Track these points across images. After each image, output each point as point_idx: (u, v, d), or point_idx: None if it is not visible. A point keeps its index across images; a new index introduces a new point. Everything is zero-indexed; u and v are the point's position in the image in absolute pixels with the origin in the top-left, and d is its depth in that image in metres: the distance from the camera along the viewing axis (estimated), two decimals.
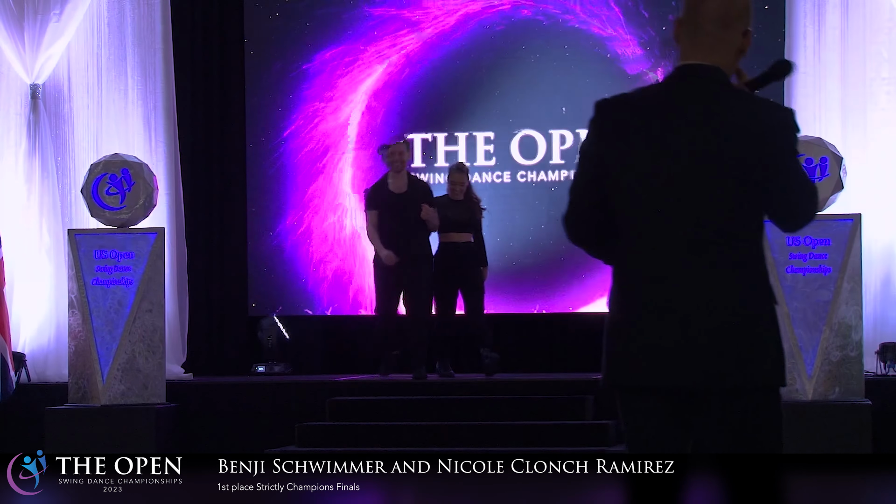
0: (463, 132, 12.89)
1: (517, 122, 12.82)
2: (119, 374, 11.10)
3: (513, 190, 12.79)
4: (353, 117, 13.06)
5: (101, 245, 11.27)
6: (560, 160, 12.71)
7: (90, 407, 11.07)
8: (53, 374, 11.74)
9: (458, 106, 12.91)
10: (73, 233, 11.35)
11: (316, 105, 13.12)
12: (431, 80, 12.94)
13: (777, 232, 10.73)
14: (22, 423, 11.41)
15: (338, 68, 13.08)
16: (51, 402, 11.24)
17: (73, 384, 11.16)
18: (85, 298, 11.17)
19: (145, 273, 11.20)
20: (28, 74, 11.94)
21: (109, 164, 11.44)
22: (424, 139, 12.94)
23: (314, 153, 13.11)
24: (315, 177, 13.10)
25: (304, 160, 13.13)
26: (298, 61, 13.14)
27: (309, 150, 13.12)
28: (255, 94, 13.21)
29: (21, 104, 12.03)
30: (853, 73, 11.18)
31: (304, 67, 13.13)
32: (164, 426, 11.01)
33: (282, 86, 13.16)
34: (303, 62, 13.14)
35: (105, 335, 11.15)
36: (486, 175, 12.83)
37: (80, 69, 12.14)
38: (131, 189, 11.39)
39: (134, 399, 11.10)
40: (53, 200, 11.93)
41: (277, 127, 13.13)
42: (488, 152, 12.84)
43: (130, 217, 11.38)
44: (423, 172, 12.89)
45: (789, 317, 10.40)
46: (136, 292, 11.19)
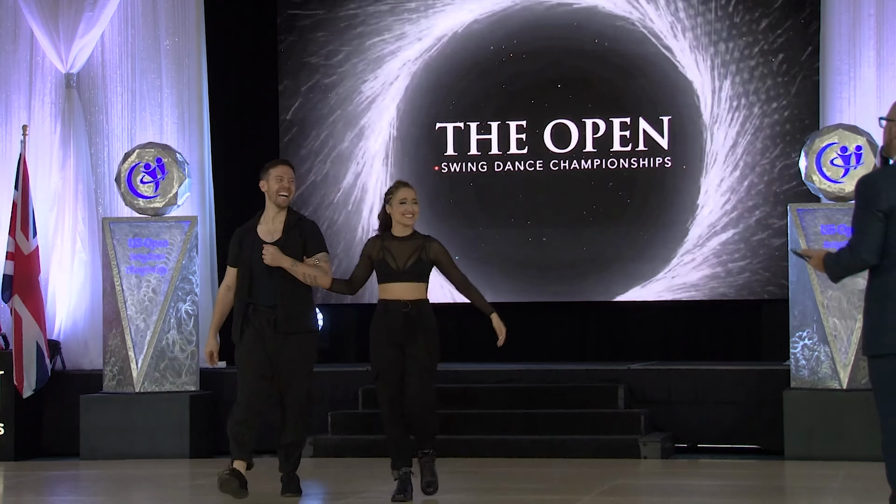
0: (495, 121, 12.88)
1: (550, 110, 12.79)
2: (153, 362, 11.16)
3: (545, 179, 12.77)
4: (387, 104, 13.06)
5: (136, 233, 11.33)
6: (593, 149, 12.69)
7: (124, 394, 11.14)
8: (88, 362, 11.80)
9: (491, 94, 12.89)
10: (107, 221, 11.41)
11: (349, 92, 13.13)
12: (464, 68, 12.93)
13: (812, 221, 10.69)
14: (57, 411, 11.49)
15: (372, 54, 13.09)
16: (86, 390, 11.31)
17: (107, 371, 11.23)
18: (119, 286, 11.23)
19: (179, 261, 11.27)
20: (63, 63, 11.99)
21: (143, 153, 11.50)
22: (456, 127, 12.94)
23: (346, 140, 13.12)
24: (349, 164, 13.12)
25: (338, 147, 13.15)
26: (332, 48, 13.16)
27: (342, 137, 13.13)
28: (289, 81, 13.23)
29: (56, 93, 12.09)
30: (888, 58, 11.11)
31: (338, 54, 13.15)
32: (198, 413, 11.06)
33: (315, 72, 13.18)
34: (336, 49, 13.16)
35: (139, 323, 11.21)
36: (519, 164, 12.82)
37: (113, 58, 12.18)
38: (165, 177, 11.45)
39: (168, 386, 11.17)
40: (88, 189, 11.98)
41: (310, 114, 13.15)
42: (520, 141, 12.83)
43: (164, 205, 11.43)
44: (455, 162, 12.90)
45: (824, 306, 10.38)
46: (170, 280, 11.25)
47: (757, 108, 12.38)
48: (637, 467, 9.94)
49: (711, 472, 9.96)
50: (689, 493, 8.67)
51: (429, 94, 12.99)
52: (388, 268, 7.96)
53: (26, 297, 11.19)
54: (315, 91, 13.19)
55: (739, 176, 12.38)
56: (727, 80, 12.43)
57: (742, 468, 10.06)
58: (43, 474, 10.17)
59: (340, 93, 13.15)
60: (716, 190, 12.44)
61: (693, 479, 9.59)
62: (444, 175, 12.95)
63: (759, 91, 12.38)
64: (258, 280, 8.02)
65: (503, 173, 12.85)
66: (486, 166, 12.87)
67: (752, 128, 12.38)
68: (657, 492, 8.89)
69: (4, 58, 12.12)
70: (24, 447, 11.27)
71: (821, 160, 10.75)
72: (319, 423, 10.92)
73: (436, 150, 12.94)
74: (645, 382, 11.04)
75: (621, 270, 12.57)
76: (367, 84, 13.10)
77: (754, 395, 10.82)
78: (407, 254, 7.98)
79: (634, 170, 12.62)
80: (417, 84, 13.01)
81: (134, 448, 10.92)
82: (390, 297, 7.95)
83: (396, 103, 13.04)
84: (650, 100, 12.56)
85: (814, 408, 10.26)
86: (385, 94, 13.06)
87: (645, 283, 12.53)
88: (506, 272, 12.77)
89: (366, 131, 13.07)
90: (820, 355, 10.41)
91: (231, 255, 8.22)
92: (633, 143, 12.61)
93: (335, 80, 13.17)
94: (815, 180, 10.77)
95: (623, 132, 12.62)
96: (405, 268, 7.95)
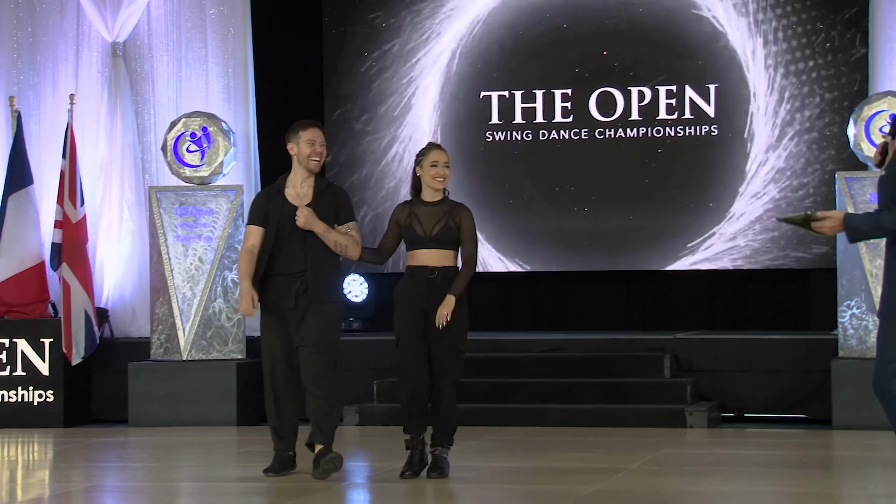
0: (540, 89, 12.84)
1: (595, 78, 12.74)
2: (200, 330, 11.22)
3: (591, 147, 12.73)
4: (433, 74, 13.04)
5: (182, 202, 11.38)
6: (638, 117, 12.63)
7: (172, 362, 11.21)
8: (135, 330, 11.88)
9: (536, 63, 12.85)
10: (154, 190, 11.46)
11: (394, 62, 13.12)
12: (509, 36, 12.89)
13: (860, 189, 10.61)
14: (105, 378, 11.58)
15: (417, 24, 13.07)
16: (133, 357, 11.38)
17: (154, 339, 11.30)
18: (166, 255, 11.29)
19: (225, 230, 11.31)
20: (109, 32, 12.03)
21: (189, 122, 11.53)
22: (501, 96, 12.90)
23: (391, 110, 13.12)
24: (393, 133, 13.12)
25: (382, 117, 13.15)
26: (377, 19, 13.15)
27: (387, 107, 13.13)
28: (333, 52, 13.23)
29: (102, 62, 12.13)
30: None
31: (383, 25, 13.14)
32: (245, 381, 11.12)
33: (360, 42, 13.18)
34: (382, 20, 13.14)
35: (186, 291, 11.27)
36: (564, 132, 12.77)
37: (159, 27, 12.21)
38: (210, 146, 11.48)
39: (214, 354, 11.23)
40: (134, 158, 12.03)
41: (355, 84, 13.15)
42: (566, 109, 12.79)
43: (210, 174, 11.47)
44: (500, 131, 12.87)
45: (872, 275, 10.31)
46: (216, 249, 11.30)
47: (805, 76, 12.28)
48: (683, 437, 9.92)
49: (758, 441, 9.93)
50: (736, 463, 8.65)
51: (474, 63, 12.95)
52: (415, 234, 7.67)
53: (74, 265, 11.26)
54: (359, 60, 13.17)
55: (786, 144, 12.30)
56: (774, 46, 12.33)
57: (789, 438, 10.03)
58: (92, 441, 10.25)
59: (385, 62, 13.14)
60: (762, 158, 12.36)
61: (739, 448, 9.56)
62: (489, 144, 12.93)
63: (807, 58, 12.28)
64: (284, 245, 7.62)
65: (548, 142, 12.82)
66: (531, 135, 12.84)
67: (800, 95, 12.29)
68: (703, 461, 8.87)
69: (51, 27, 12.17)
70: (73, 414, 11.36)
71: (869, 128, 10.66)
72: (365, 392, 10.96)
73: (481, 120, 12.92)
74: (691, 351, 11.00)
75: (667, 239, 12.53)
76: (412, 52, 13.08)
77: (802, 364, 10.77)
78: (434, 219, 7.68)
79: (680, 138, 12.56)
80: (463, 53, 12.98)
81: (181, 415, 10.98)
82: (416, 263, 7.67)
83: (442, 72, 13.01)
84: (696, 67, 12.48)
85: (862, 377, 10.17)
86: (431, 63, 13.04)
87: (691, 251, 12.48)
88: (551, 241, 12.76)
89: (411, 100, 13.05)
90: (868, 324, 10.35)
91: (254, 215, 7.76)
92: (678, 112, 12.55)
93: (380, 48, 13.15)
94: (863, 148, 10.69)
95: (669, 100, 12.55)
96: (431, 234, 7.65)
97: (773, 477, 7.99)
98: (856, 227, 5.98)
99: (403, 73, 13.10)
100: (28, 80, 12.12)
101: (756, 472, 8.30)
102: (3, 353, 11.26)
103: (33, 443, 10.38)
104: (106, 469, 8.97)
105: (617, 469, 8.07)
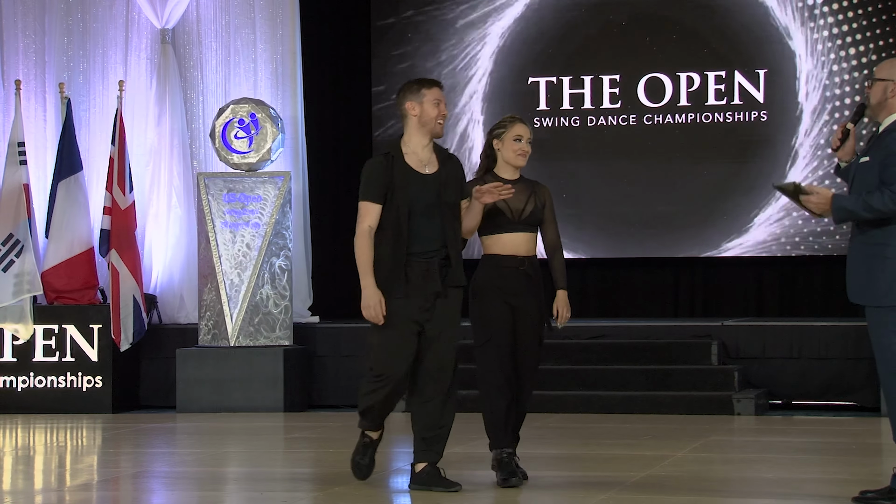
0: (588, 75, 12.79)
1: (643, 64, 12.68)
2: (247, 316, 11.26)
3: (639, 133, 12.67)
4: (481, 59, 13.02)
5: (230, 188, 11.42)
6: (687, 102, 12.56)
7: (219, 347, 11.26)
8: (183, 316, 11.93)
9: (584, 48, 12.81)
10: (202, 176, 11.51)
11: (442, 48, 13.11)
12: (557, 21, 12.85)
13: None
14: (153, 364, 11.65)
15: (465, 12, 13.05)
16: (181, 343, 11.45)
17: (202, 326, 11.35)
18: (214, 241, 11.34)
19: (272, 216, 11.34)
20: (158, 19, 12.08)
21: (237, 108, 11.56)
22: (549, 81, 12.87)
23: None
24: None
25: None
26: (425, 5, 13.13)
27: None
28: (381, 40, 13.24)
29: (151, 49, 12.19)
30: None
31: (431, 12, 13.12)
32: (292, 367, 11.15)
33: (408, 30, 13.17)
34: (430, 6, 13.13)
35: (233, 278, 11.31)
36: (612, 118, 12.72)
37: (208, 13, 12.25)
38: (258, 133, 11.51)
39: (262, 341, 11.27)
40: (183, 144, 12.08)
41: (402, 71, 13.14)
42: (614, 95, 12.74)
43: (258, 161, 11.50)
44: (548, 117, 12.84)
45: None
46: (264, 235, 11.34)
47: (854, 61, 12.17)
48: (730, 424, 9.87)
49: (806, 428, 9.87)
50: (784, 450, 8.61)
51: (521, 49, 12.92)
52: (502, 215, 6.73)
53: (123, 251, 11.33)
54: (407, 46, 13.17)
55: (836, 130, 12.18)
56: (824, 31, 12.23)
57: (837, 425, 9.96)
58: (140, 426, 10.32)
59: (432, 47, 13.12)
60: (811, 143, 12.27)
61: (787, 435, 9.51)
62: (537, 131, 12.88)
63: (857, 43, 12.18)
64: (417, 221, 6.50)
65: (596, 128, 12.77)
66: (579, 121, 12.80)
67: (850, 80, 12.18)
68: (751, 448, 8.83)
69: (101, 13, 12.23)
70: (122, 400, 11.43)
71: None
72: None
73: (529, 106, 12.89)
74: (739, 338, 10.95)
75: (715, 225, 12.47)
76: (459, 39, 13.06)
77: (850, 351, 10.69)
78: (523, 199, 6.79)
79: (729, 123, 12.49)
80: (510, 38, 12.95)
81: (228, 401, 11.03)
82: (503, 251, 6.74)
83: (489, 57, 12.99)
84: (745, 53, 12.40)
85: None
86: (478, 49, 13.02)
87: (739, 237, 12.41)
88: (599, 228, 12.72)
89: (457, 86, 13.03)
90: None
91: (374, 189, 6.57)
92: (727, 97, 12.47)
93: (428, 34, 13.14)
94: None
95: (718, 86, 12.48)
96: (522, 216, 6.79)
97: (820, 464, 7.95)
98: (843, 207, 6.06)
99: (451, 59, 13.08)
100: (77, 67, 12.19)
101: (804, 459, 8.26)
102: (53, 338, 11.35)
103: (82, 428, 10.46)
104: (154, 455, 9.02)
105: (664, 456, 8.04)
